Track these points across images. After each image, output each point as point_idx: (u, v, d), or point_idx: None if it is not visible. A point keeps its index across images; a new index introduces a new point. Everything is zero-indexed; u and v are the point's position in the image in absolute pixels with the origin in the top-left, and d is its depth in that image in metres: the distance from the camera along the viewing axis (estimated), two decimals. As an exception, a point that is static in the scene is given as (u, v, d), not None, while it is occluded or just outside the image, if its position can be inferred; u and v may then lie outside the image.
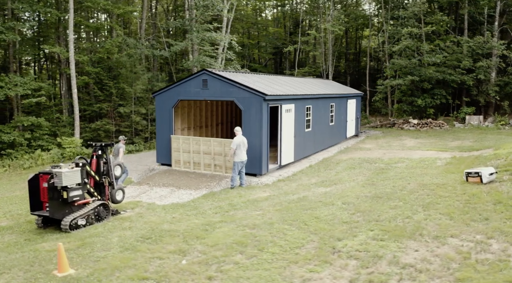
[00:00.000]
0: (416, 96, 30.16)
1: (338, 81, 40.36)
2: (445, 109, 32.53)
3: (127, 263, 8.01)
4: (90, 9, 28.07)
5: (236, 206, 11.92)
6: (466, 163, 15.84)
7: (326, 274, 7.19)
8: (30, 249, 9.32)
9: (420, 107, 30.21)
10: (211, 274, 7.40)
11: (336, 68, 44.29)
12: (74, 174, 10.47)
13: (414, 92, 30.53)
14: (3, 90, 20.86)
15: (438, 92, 29.84)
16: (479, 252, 7.53)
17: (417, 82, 29.47)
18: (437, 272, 6.94)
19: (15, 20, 21.96)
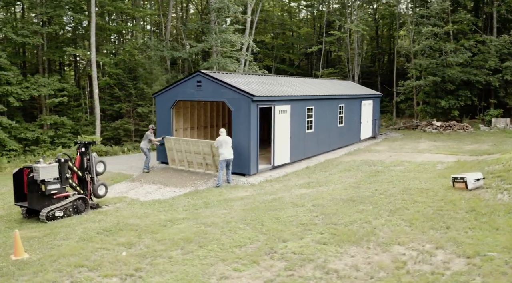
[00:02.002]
0: (440, 97, 28.93)
1: (367, 82, 39.60)
2: (471, 111, 31.01)
3: (74, 251, 8.43)
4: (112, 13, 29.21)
5: (209, 204, 12.13)
6: (466, 168, 15.11)
7: (247, 273, 7.23)
8: (5, 236, 10.06)
9: (444, 109, 28.96)
10: (141, 266, 7.63)
11: (369, 68, 43.41)
12: (51, 169, 11.12)
13: (439, 93, 29.30)
14: (28, 90, 22.34)
15: (462, 93, 28.46)
16: (417, 263, 7.25)
17: (440, 83, 28.27)
18: (357, 280, 6.76)
19: (39, 25, 23.47)
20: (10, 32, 21.49)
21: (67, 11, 23.67)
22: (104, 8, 25.56)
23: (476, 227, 8.70)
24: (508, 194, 10.60)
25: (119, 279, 7.23)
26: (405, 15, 33.63)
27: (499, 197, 10.53)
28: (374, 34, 41.22)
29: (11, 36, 21.69)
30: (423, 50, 28.28)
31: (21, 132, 22.46)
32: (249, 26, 30.69)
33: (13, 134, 22.05)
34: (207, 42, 24.99)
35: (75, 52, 23.94)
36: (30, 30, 22.63)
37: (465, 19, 27.77)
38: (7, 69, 21.26)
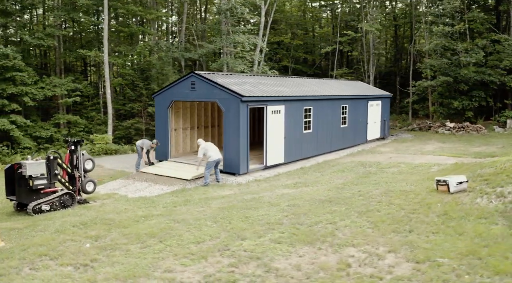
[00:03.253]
0: (453, 98, 28.12)
1: (386, 82, 38.96)
2: (486, 112, 29.95)
3: (45, 242, 8.85)
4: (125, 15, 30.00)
5: (189, 202, 12.38)
6: (460, 170, 14.74)
7: (191, 268, 7.38)
8: (-2, 228, 10.68)
9: (457, 110, 28.14)
10: (97, 257, 7.93)
11: (390, 68, 42.69)
12: (38, 165, 11.70)
13: (452, 94, 28.47)
14: (43, 91, 23.35)
15: (476, 94, 27.54)
16: (362, 265, 7.20)
17: (452, 83, 27.47)
18: (293, 279, 6.80)
19: (54, 27, 24.48)
20: (26, 34, 22.53)
21: (80, 14, 24.53)
22: (117, 11, 26.36)
23: (440, 232, 8.55)
24: (487, 199, 10.33)
25: (73, 268, 7.56)
26: (419, 15, 32.91)
27: (477, 201, 10.27)
28: (393, 34, 40.51)
29: (26, 39, 22.76)
30: (435, 49, 27.60)
31: (36, 131, 23.50)
32: (263, 27, 30.85)
33: (29, 133, 23.09)
34: (216, 43, 25.34)
35: (88, 53, 24.82)
36: (44, 33, 23.65)
37: (478, 17, 26.89)
38: (22, 70, 22.30)
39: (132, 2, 27.45)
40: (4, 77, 22.12)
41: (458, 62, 27.07)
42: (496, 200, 10.10)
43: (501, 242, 7.70)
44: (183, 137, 18.96)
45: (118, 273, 7.23)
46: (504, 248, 7.42)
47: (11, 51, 20.85)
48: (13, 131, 21.21)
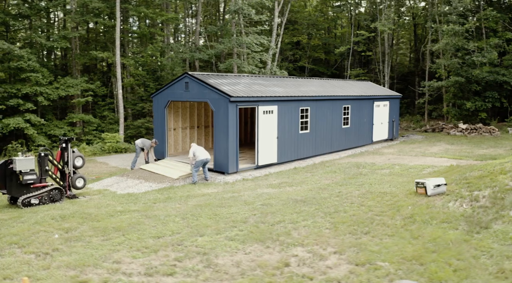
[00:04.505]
0: (466, 99, 27.23)
1: (405, 82, 38.18)
2: (501, 113, 28.81)
3: (20, 232, 9.36)
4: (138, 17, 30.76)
5: (170, 199, 12.68)
6: (451, 173, 14.43)
7: (139, 260, 7.60)
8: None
9: (470, 111, 27.24)
10: (59, 247, 8.34)
11: (409, 68, 41.81)
12: (27, 161, 12.32)
13: (465, 95, 27.59)
14: (57, 91, 24.35)
15: (490, 94, 26.57)
16: (301, 265, 7.27)
17: (464, 83, 26.61)
18: (226, 275, 6.90)
19: (67, 30, 25.48)
20: (42, 37, 23.58)
21: (93, 17, 25.43)
22: (128, 13, 27.14)
23: (396, 235, 8.51)
24: (459, 202, 10.15)
25: (35, 255, 8.01)
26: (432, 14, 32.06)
27: (449, 205, 10.09)
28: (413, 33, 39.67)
29: (40, 41, 23.81)
30: (445, 49, 26.84)
31: (51, 129, 24.52)
32: (277, 27, 30.94)
33: (44, 131, 24.14)
34: (223, 44, 25.66)
35: (101, 55, 25.68)
36: (58, 35, 24.65)
37: (491, 15, 25.94)
38: (37, 71, 23.34)
39: (143, 5, 28.16)
40: (19, 78, 23.28)
41: (470, 62, 26.24)
42: (468, 204, 9.92)
43: (452, 248, 7.60)
44: (182, 137, 19.36)
45: (71, 261, 7.61)
46: (451, 254, 7.33)
47: (25, 53, 21.90)
48: (28, 129, 22.26)
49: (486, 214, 8.75)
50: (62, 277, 7.01)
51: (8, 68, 22.62)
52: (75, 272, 7.20)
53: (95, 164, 21.35)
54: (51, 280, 6.88)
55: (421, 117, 32.98)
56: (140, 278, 6.98)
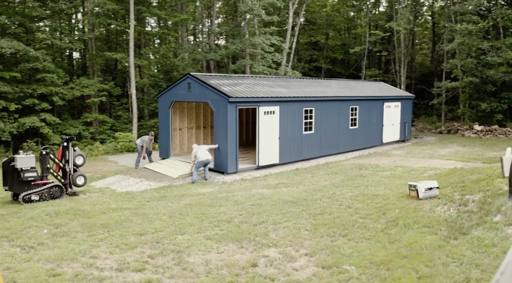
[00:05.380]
0: (481, 100, 26.45)
1: (424, 83, 37.40)
2: None
3: (13, 226, 9.76)
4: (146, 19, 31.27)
5: (165, 198, 12.91)
6: (452, 176, 14.14)
7: (115, 256, 7.76)
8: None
9: (486, 112, 26.44)
10: (45, 241, 8.67)
11: (429, 68, 40.94)
12: (28, 159, 12.77)
13: (481, 95, 26.80)
14: (72, 91, 25.06)
15: (505, 95, 25.72)
16: (268, 266, 7.25)
17: (479, 84, 25.86)
18: (192, 272, 6.98)
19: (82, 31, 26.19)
20: (57, 38, 24.34)
21: (107, 19, 26.05)
22: (142, 14, 27.66)
23: (373, 238, 8.42)
24: (447, 207, 9.96)
25: (20, 249, 8.36)
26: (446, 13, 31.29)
27: (437, 209, 9.91)
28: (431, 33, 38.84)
29: (55, 42, 24.58)
30: (460, 49, 26.13)
31: (66, 128, 25.26)
32: (291, 28, 30.89)
33: (59, 130, 24.89)
34: (235, 44, 25.83)
35: (115, 56, 26.28)
36: (74, 36, 25.39)
37: (506, 14, 25.09)
38: (52, 72, 24.09)
39: (157, 7, 28.65)
40: (35, 78, 24.09)
41: (485, 62, 25.50)
42: (455, 209, 9.72)
43: (424, 253, 7.47)
44: (188, 137, 19.61)
45: (51, 255, 7.88)
46: (422, 260, 7.20)
47: (40, 54, 22.65)
48: (43, 128, 23.02)
49: (470, 220, 8.55)
50: (39, 269, 7.26)
51: (24, 68, 23.46)
52: (53, 265, 7.45)
53: (106, 162, 21.89)
54: (28, 272, 7.14)
55: (437, 118, 32.29)
56: (110, 273, 7.17)
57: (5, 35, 22.78)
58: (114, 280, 6.85)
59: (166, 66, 29.04)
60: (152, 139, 18.38)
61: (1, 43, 20.33)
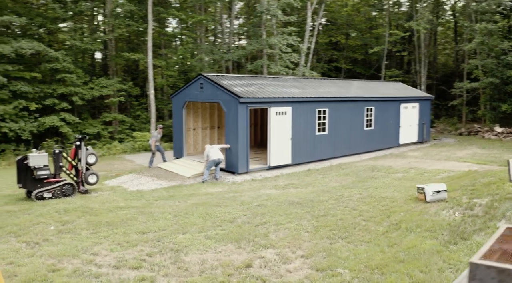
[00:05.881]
0: (502, 101, 25.67)
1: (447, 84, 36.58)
2: None
3: (22, 223, 10.06)
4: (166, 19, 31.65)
5: (173, 197, 13.03)
6: (464, 179, 13.82)
7: (115, 253, 7.86)
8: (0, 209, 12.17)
9: (506, 113, 25.63)
10: (50, 237, 8.91)
11: (451, 68, 40.03)
12: (40, 157, 13.11)
13: (502, 96, 26.01)
14: (92, 91, 25.63)
15: None
16: (262, 267, 7.20)
17: (499, 85, 25.09)
18: (186, 271, 7.05)
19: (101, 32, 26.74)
20: (77, 39, 24.94)
21: (125, 20, 26.52)
22: (160, 15, 28.03)
23: (373, 241, 8.30)
24: (453, 211, 9.77)
25: (26, 244, 8.62)
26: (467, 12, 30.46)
27: (443, 212, 9.72)
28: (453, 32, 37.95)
29: (74, 43, 25.17)
30: (480, 48, 25.41)
31: (86, 127, 25.82)
32: (309, 28, 30.75)
33: (79, 129, 25.46)
34: (251, 45, 25.90)
35: (133, 56, 26.71)
36: (93, 37, 25.95)
37: None
38: (72, 72, 24.67)
39: (176, 8, 28.99)
40: (55, 78, 24.72)
41: (506, 62, 24.76)
42: (460, 213, 9.52)
43: (421, 258, 7.32)
44: (202, 136, 19.75)
45: (54, 251, 8.08)
46: (417, 265, 7.06)
47: (60, 55, 23.23)
48: (62, 127, 23.61)
49: (473, 225, 8.35)
50: (40, 264, 7.45)
51: (45, 69, 24.11)
52: (54, 261, 7.63)
53: (122, 161, 22.26)
54: (29, 267, 7.33)
55: (458, 120, 31.57)
56: (108, 269, 7.29)
57: (26, 36, 23.51)
58: (110, 277, 6.96)
59: (184, 67, 29.35)
60: (160, 132, 18.57)
61: (22, 44, 20.97)
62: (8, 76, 21.86)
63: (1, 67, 21.35)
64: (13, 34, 25.17)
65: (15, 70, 22.54)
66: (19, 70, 23.02)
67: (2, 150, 22.08)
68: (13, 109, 21.68)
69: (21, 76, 22.78)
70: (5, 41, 21.89)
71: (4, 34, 24.63)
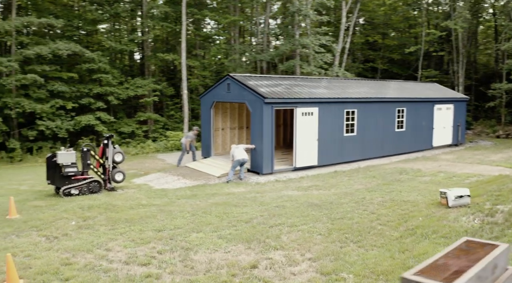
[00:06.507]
0: None
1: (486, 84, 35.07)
2: None
3: (45, 218, 10.55)
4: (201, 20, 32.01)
5: (195, 196, 13.20)
6: (492, 183, 13.21)
7: (128, 250, 8.08)
8: (26, 204, 12.70)
9: None
10: (69, 232, 9.30)
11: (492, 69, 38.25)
12: (68, 155, 13.62)
13: None
14: (127, 91, 26.39)
15: None
16: (267, 269, 7.14)
17: None
18: (192, 270, 7.10)
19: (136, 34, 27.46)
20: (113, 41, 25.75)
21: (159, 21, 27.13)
22: (193, 16, 28.46)
23: (385, 247, 8.10)
24: (473, 217, 9.40)
25: (46, 238, 9.02)
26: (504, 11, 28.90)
27: (463, 219, 9.37)
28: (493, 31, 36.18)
29: (110, 45, 26.00)
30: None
31: (121, 126, 26.62)
32: (344, 27, 30.31)
33: (114, 128, 26.30)
34: (284, 45, 25.83)
35: (167, 57, 27.27)
36: (128, 39, 26.72)
37: None
38: (107, 72, 25.49)
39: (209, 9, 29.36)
40: (91, 78, 25.65)
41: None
42: (480, 220, 9.15)
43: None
44: (231, 137, 19.89)
45: (70, 246, 8.40)
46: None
47: (96, 55, 24.08)
48: (98, 126, 24.46)
49: (490, 232, 7.99)
50: (55, 258, 7.75)
51: (81, 69, 25.06)
52: (68, 255, 7.92)
53: (153, 160, 22.77)
54: (44, 260, 7.64)
55: (497, 122, 30.15)
56: (118, 265, 7.49)
57: (64, 37, 24.52)
58: (118, 272, 7.15)
59: (217, 67, 29.70)
60: (196, 134, 18.88)
61: (59, 45, 21.91)
62: (46, 76, 22.91)
63: (39, 68, 22.42)
64: (52, 36, 26.32)
65: (52, 70, 23.58)
66: (56, 71, 24.05)
67: (39, 147, 23.16)
68: (50, 108, 22.68)
69: (58, 76, 23.80)
70: (43, 43, 22.95)
71: (45, 35, 25.82)
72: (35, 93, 22.91)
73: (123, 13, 27.09)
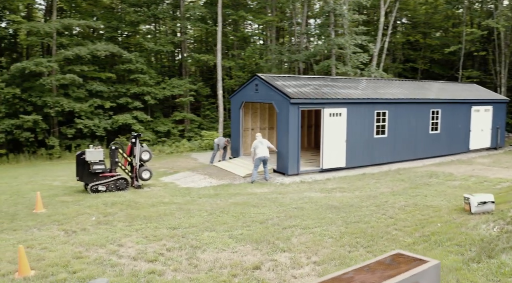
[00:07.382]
0: None
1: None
2: None
3: (68, 212, 11.01)
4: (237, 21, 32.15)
5: (217, 196, 13.32)
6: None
7: (139, 246, 8.31)
8: (55, 199, 13.23)
9: None
10: (87, 227, 9.69)
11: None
12: (96, 153, 14.12)
13: None
14: (163, 91, 27.04)
15: None
16: (270, 270, 7.13)
17: None
18: (196, 268, 7.19)
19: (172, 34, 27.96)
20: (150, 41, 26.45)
21: (195, 22, 27.59)
22: (229, 17, 28.70)
23: (395, 252, 7.90)
24: (493, 225, 8.90)
25: (64, 232, 9.44)
26: None
27: (482, 226, 8.91)
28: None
29: (148, 45, 26.71)
30: None
31: (157, 126, 27.31)
32: (382, 27, 29.57)
33: (151, 127, 27.03)
34: (319, 45, 25.55)
35: (202, 57, 27.69)
36: (165, 39, 27.36)
37: None
38: (145, 73, 26.22)
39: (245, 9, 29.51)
40: (128, 78, 26.47)
41: None
42: (499, 228, 8.64)
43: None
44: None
45: (85, 240, 8.73)
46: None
47: (133, 56, 24.84)
48: (134, 125, 25.21)
49: (507, 242, 7.55)
50: (69, 251, 8.07)
51: (119, 70, 25.90)
52: (82, 249, 8.22)
53: (186, 159, 23.19)
54: (58, 253, 7.97)
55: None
56: (126, 260, 7.70)
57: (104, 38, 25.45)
58: (124, 267, 7.35)
59: (252, 68, 29.86)
60: (227, 145, 18.85)
61: (97, 46, 22.78)
62: (84, 76, 23.86)
63: (78, 68, 23.40)
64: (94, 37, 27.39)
65: (91, 70, 24.53)
66: (95, 71, 24.99)
67: (77, 145, 24.17)
68: (88, 107, 23.63)
69: (97, 76, 24.74)
70: (82, 44, 23.94)
71: (87, 37, 26.92)
72: (74, 93, 23.95)
73: (160, 14, 27.76)
